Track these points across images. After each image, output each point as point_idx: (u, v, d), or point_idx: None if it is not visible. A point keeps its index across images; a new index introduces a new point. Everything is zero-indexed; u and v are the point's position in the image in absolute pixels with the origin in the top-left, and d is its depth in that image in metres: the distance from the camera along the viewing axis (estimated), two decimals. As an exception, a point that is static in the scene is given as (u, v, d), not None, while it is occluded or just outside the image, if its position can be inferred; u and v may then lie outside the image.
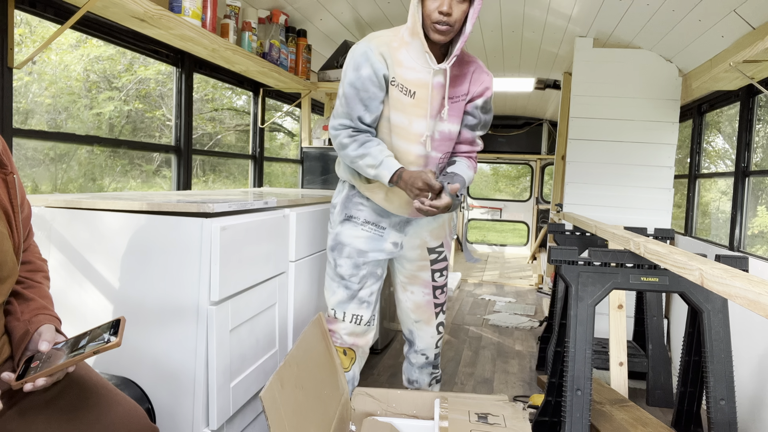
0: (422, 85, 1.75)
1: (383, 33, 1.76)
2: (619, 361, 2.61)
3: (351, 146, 1.76)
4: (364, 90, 1.73)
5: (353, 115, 1.75)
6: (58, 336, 1.10)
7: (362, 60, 1.72)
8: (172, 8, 2.04)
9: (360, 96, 1.73)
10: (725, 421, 1.78)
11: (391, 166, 1.72)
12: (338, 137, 1.78)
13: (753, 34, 2.53)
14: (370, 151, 1.74)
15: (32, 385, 1.00)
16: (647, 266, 1.91)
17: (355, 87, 1.73)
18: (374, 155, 1.74)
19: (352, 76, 1.73)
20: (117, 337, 0.97)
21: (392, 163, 1.73)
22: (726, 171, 3.64)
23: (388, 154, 1.75)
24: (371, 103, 1.75)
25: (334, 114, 1.80)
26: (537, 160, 7.87)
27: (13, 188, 1.10)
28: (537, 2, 3.28)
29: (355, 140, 1.76)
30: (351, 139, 1.76)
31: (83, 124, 4.14)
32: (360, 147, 1.75)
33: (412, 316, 2.11)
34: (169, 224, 1.52)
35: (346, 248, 1.93)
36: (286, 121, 6.02)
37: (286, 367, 1.39)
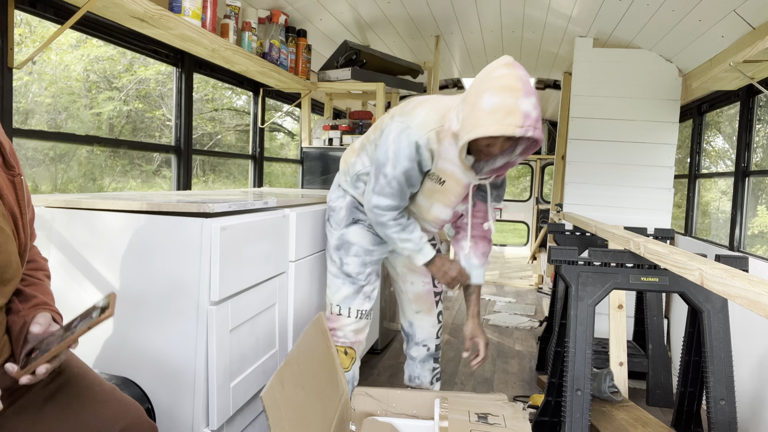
0: (453, 179, 1.84)
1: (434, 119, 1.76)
2: (619, 361, 2.61)
3: (394, 229, 1.87)
4: (414, 178, 1.81)
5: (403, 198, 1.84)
6: (53, 325, 1.09)
7: (415, 154, 1.76)
8: (172, 8, 2.04)
9: (409, 182, 1.81)
10: (725, 421, 1.78)
11: (428, 254, 1.91)
12: (382, 217, 1.86)
13: (753, 34, 2.53)
14: (412, 237, 1.89)
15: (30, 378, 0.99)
16: (647, 266, 1.90)
17: (407, 175, 1.79)
18: (415, 242, 1.89)
19: (406, 165, 1.77)
20: (109, 309, 0.98)
21: (429, 251, 1.92)
22: (726, 171, 3.63)
23: (425, 240, 1.92)
24: (415, 186, 1.85)
25: (376, 190, 1.83)
26: (537, 160, 7.87)
27: (20, 190, 1.10)
28: (537, 2, 3.28)
29: (398, 224, 1.87)
30: (395, 222, 1.86)
31: (83, 124, 4.13)
32: (403, 231, 1.88)
33: (413, 306, 2.16)
34: (169, 224, 1.52)
35: (353, 247, 1.96)
36: (286, 121, 6.02)
37: (286, 366, 1.39)
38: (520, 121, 1.51)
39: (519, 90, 1.53)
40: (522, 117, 1.51)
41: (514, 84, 1.54)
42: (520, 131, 1.51)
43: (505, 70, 1.58)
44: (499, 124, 1.52)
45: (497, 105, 1.53)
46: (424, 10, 3.50)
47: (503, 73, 1.57)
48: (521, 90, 1.53)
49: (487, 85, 1.58)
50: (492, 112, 1.53)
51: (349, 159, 2.01)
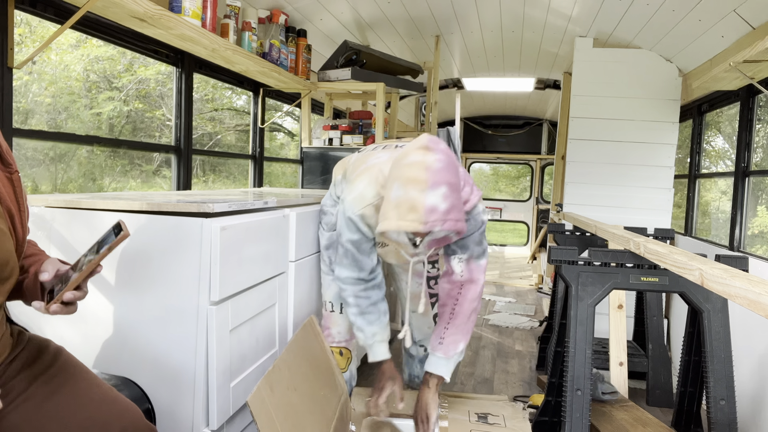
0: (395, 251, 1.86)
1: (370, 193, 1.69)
2: (619, 361, 2.61)
3: (352, 309, 1.83)
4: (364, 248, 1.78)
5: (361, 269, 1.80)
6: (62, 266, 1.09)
7: (354, 227, 1.75)
8: (172, 8, 2.04)
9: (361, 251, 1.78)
10: (725, 421, 1.78)
11: (377, 354, 1.83)
12: (344, 292, 1.84)
13: (753, 34, 2.53)
14: (364, 330, 1.82)
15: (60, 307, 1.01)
16: (647, 266, 1.90)
17: (355, 245, 1.77)
18: (366, 335, 1.82)
19: (350, 235, 1.77)
20: (124, 231, 0.97)
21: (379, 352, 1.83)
22: (726, 171, 3.63)
23: (379, 339, 1.83)
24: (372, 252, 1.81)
25: (337, 261, 1.83)
26: (537, 160, 7.87)
27: (18, 187, 1.10)
28: (537, 2, 3.27)
29: (357, 306, 1.82)
30: (354, 302, 1.82)
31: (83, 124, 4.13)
32: (360, 317, 1.82)
33: (409, 305, 2.15)
34: (169, 224, 1.52)
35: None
36: (286, 121, 6.02)
37: (275, 370, 1.38)
38: (423, 218, 1.41)
39: (424, 182, 1.42)
40: (425, 213, 1.41)
41: (419, 176, 1.43)
42: (424, 228, 1.42)
43: (416, 156, 1.47)
44: (401, 219, 1.43)
45: (401, 199, 1.44)
46: (424, 10, 3.50)
47: (413, 160, 1.47)
48: (427, 182, 1.42)
49: (397, 173, 1.50)
50: (396, 206, 1.45)
51: (336, 176, 2.03)
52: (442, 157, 1.48)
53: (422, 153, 1.47)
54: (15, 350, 1.13)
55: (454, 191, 1.46)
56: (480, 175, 13.12)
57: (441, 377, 1.81)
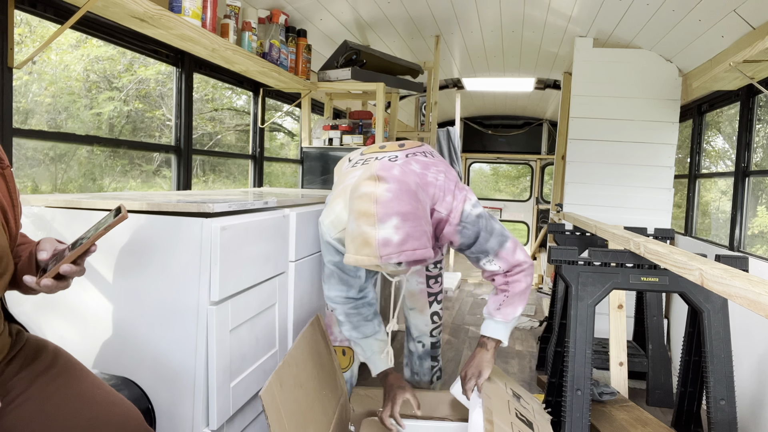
0: None
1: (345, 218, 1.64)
2: (619, 361, 2.61)
3: (346, 326, 1.85)
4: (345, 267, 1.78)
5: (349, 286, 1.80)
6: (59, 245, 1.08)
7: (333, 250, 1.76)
8: (172, 8, 2.04)
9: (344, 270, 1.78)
10: (725, 421, 1.78)
11: (378, 366, 1.86)
12: (336, 311, 1.85)
13: (753, 34, 2.53)
14: (361, 344, 1.85)
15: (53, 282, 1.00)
16: (647, 266, 1.90)
17: (338, 265, 1.78)
18: (364, 349, 1.86)
19: (330, 258, 1.78)
20: (122, 213, 0.97)
21: (380, 364, 1.86)
22: (726, 171, 3.63)
23: (377, 350, 1.85)
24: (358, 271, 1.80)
25: (327, 283, 1.83)
26: (537, 160, 7.87)
27: (11, 182, 1.10)
28: (537, 2, 3.27)
29: (350, 322, 1.84)
30: (345, 319, 1.84)
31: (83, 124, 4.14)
32: (354, 331, 1.84)
33: (407, 303, 2.17)
34: (169, 224, 1.52)
35: None
36: (286, 121, 6.02)
37: (285, 366, 1.39)
38: (376, 252, 1.37)
39: (373, 216, 1.38)
40: (378, 247, 1.37)
41: (368, 209, 1.39)
42: (380, 261, 1.38)
43: (365, 188, 1.42)
44: (357, 254, 1.41)
45: (354, 234, 1.41)
46: (424, 10, 3.50)
47: (362, 192, 1.42)
48: (375, 215, 1.38)
49: (351, 205, 1.45)
50: (352, 240, 1.43)
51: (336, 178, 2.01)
52: (393, 186, 1.42)
53: (372, 184, 1.42)
54: (14, 349, 1.13)
55: (408, 220, 1.40)
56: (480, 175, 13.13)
57: (499, 341, 1.81)
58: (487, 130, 7.92)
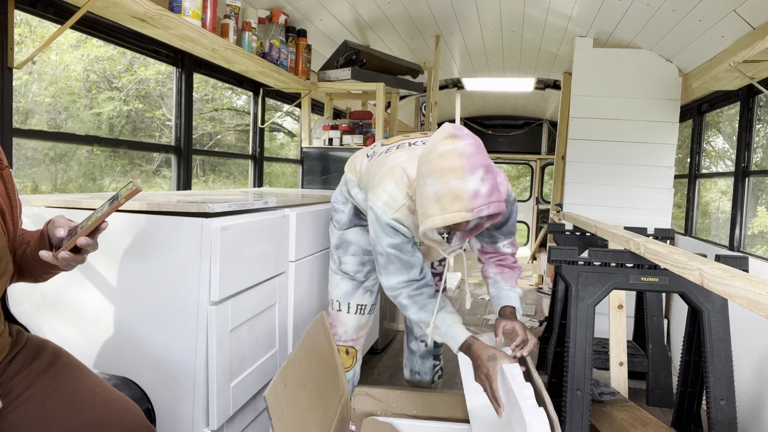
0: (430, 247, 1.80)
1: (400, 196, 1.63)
2: (619, 361, 2.61)
3: (412, 309, 1.72)
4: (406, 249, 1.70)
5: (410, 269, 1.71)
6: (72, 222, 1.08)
7: (392, 231, 1.67)
8: (172, 8, 2.04)
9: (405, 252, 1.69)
10: (725, 421, 1.78)
11: (458, 337, 1.66)
12: (398, 297, 1.73)
13: (753, 34, 2.53)
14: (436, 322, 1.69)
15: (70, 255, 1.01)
16: (647, 266, 1.90)
17: (397, 248, 1.68)
18: (438, 325, 1.69)
19: (389, 241, 1.67)
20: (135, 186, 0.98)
21: (459, 334, 1.67)
22: (726, 171, 3.64)
23: (452, 322, 1.69)
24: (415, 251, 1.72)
25: (382, 271, 1.73)
26: (537, 160, 7.87)
27: (10, 183, 1.10)
28: (537, 2, 3.27)
29: (415, 303, 1.71)
30: (411, 302, 1.71)
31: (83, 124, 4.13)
32: (421, 311, 1.71)
33: None
34: (169, 224, 1.52)
35: (351, 246, 1.96)
36: (286, 121, 6.02)
37: (289, 366, 1.39)
38: (469, 205, 1.37)
39: (461, 169, 1.39)
40: (469, 199, 1.37)
41: (455, 164, 1.39)
42: (472, 215, 1.38)
43: (445, 146, 1.42)
44: (446, 213, 1.39)
45: (441, 191, 1.40)
46: (424, 10, 3.50)
47: (443, 150, 1.42)
48: (464, 168, 1.39)
49: (429, 167, 1.44)
50: (437, 200, 1.41)
51: (348, 175, 1.98)
52: (471, 141, 1.45)
53: (450, 141, 1.43)
54: (14, 349, 1.13)
55: (490, 172, 1.43)
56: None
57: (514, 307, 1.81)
58: (487, 130, 7.92)
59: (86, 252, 1.05)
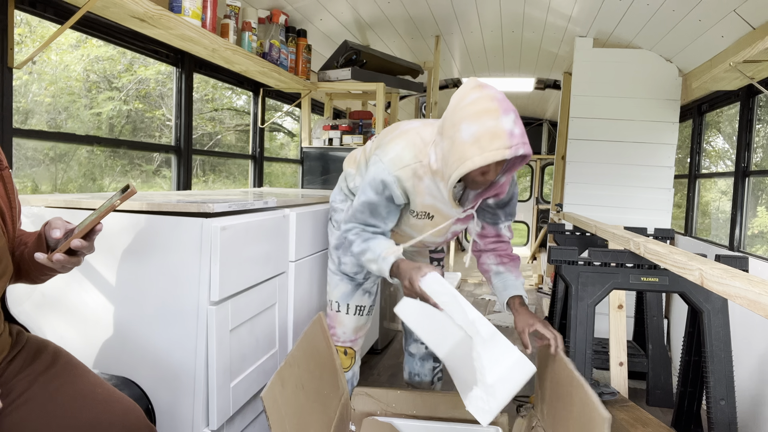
0: (440, 214, 1.75)
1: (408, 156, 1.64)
2: (619, 361, 2.61)
3: (357, 242, 1.72)
4: (383, 207, 1.70)
5: (367, 223, 1.71)
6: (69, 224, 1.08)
7: (383, 188, 1.67)
8: (172, 8, 2.04)
9: (378, 212, 1.70)
10: (725, 421, 1.78)
11: (388, 260, 1.65)
12: (347, 236, 1.74)
13: (753, 34, 2.53)
14: (370, 245, 1.69)
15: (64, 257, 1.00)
16: (647, 266, 1.90)
17: (372, 204, 1.69)
18: (373, 249, 1.68)
19: (372, 196, 1.67)
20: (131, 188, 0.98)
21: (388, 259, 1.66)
22: (726, 171, 3.64)
23: (386, 246, 1.68)
24: (389, 217, 1.73)
25: (345, 219, 1.75)
26: (537, 160, 7.87)
27: (9, 183, 1.10)
28: (537, 2, 3.27)
29: (362, 237, 1.71)
30: (359, 238, 1.71)
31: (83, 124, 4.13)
32: (365, 242, 1.71)
33: None
34: (169, 224, 1.52)
35: None
36: (286, 121, 6.02)
37: (287, 367, 1.39)
38: (507, 142, 1.41)
39: (496, 110, 1.43)
40: (508, 137, 1.41)
41: (489, 106, 1.43)
42: (510, 152, 1.41)
43: (475, 93, 1.47)
44: (486, 152, 1.41)
45: (478, 132, 1.42)
46: (424, 10, 3.50)
47: (474, 97, 1.46)
48: (498, 110, 1.43)
49: (461, 114, 1.47)
50: (475, 141, 1.43)
51: (348, 169, 1.99)
52: (496, 90, 1.50)
53: (480, 89, 1.48)
54: (14, 349, 1.13)
55: (518, 117, 1.49)
56: (480, 175, 13.16)
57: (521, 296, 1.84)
58: (487, 130, 7.91)
59: (82, 254, 1.05)
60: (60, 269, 1.05)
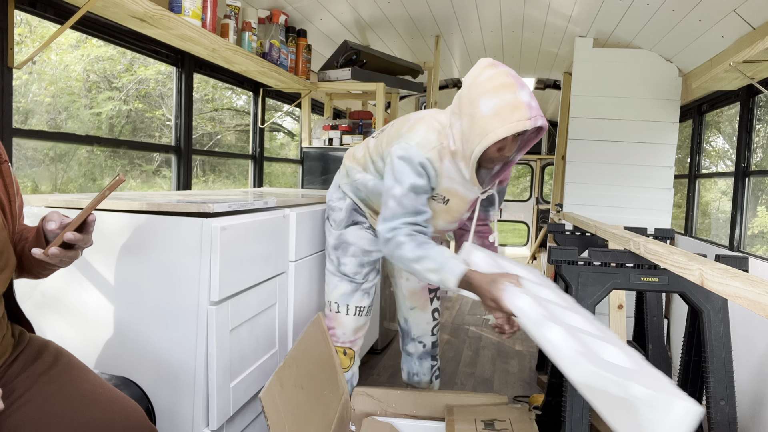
0: (457, 197, 1.76)
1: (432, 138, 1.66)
2: (619, 361, 2.60)
3: (408, 246, 1.62)
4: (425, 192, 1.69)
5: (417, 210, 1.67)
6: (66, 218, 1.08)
7: (422, 170, 1.66)
8: (172, 8, 2.04)
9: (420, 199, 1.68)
10: (725, 421, 1.78)
11: (454, 269, 1.56)
12: (396, 236, 1.65)
13: (753, 34, 2.53)
14: (429, 253, 1.60)
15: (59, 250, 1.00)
16: (647, 266, 1.90)
17: (416, 191, 1.66)
18: (435, 258, 1.59)
19: (415, 180, 1.65)
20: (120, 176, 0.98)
21: (455, 265, 1.57)
22: (726, 171, 3.64)
23: (449, 256, 1.61)
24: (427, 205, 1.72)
25: (386, 217, 1.68)
26: (537, 160, 7.87)
27: (8, 177, 1.10)
28: (537, 2, 3.27)
29: (413, 239, 1.63)
30: (408, 238, 1.63)
31: (83, 124, 4.14)
32: (417, 248, 1.61)
33: (408, 303, 2.16)
34: (169, 224, 1.52)
35: (351, 247, 1.96)
36: (286, 121, 6.02)
37: (285, 367, 1.39)
38: (527, 114, 1.49)
39: (513, 85, 1.51)
40: (527, 109, 1.49)
41: (506, 81, 1.52)
42: (530, 123, 1.49)
43: (489, 71, 1.55)
44: (507, 123, 1.49)
45: (498, 106, 1.50)
46: (424, 10, 3.50)
47: (490, 74, 1.54)
48: (515, 84, 1.51)
49: (478, 91, 1.54)
50: (495, 114, 1.50)
51: (349, 164, 2.00)
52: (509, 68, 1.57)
53: (493, 67, 1.55)
54: (16, 350, 1.13)
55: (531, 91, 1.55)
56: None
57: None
58: (487, 130, 7.91)
59: (79, 247, 1.04)
60: (58, 263, 1.04)
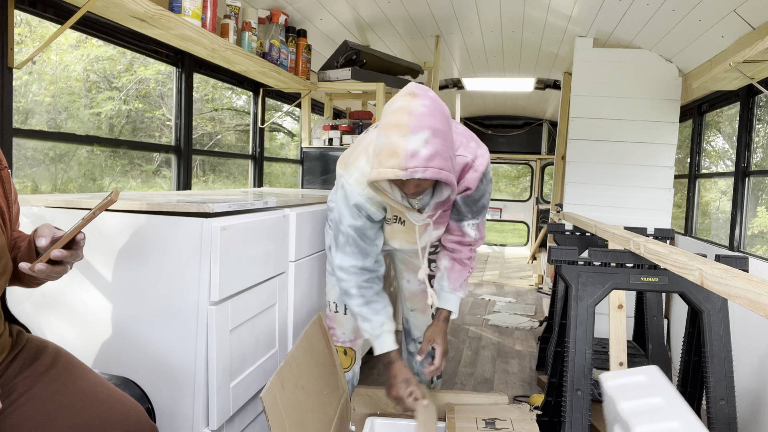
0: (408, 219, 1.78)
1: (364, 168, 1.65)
2: (619, 361, 2.61)
3: (356, 300, 1.75)
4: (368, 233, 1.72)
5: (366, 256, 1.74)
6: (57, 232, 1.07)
7: (357, 212, 1.69)
8: (172, 8, 2.04)
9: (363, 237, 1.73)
10: (725, 421, 1.78)
11: (384, 344, 1.76)
12: (346, 283, 1.75)
13: (753, 34, 2.53)
14: (372, 319, 1.75)
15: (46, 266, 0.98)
16: (647, 266, 1.90)
17: (357, 232, 1.71)
18: (374, 326, 1.75)
19: (352, 221, 1.70)
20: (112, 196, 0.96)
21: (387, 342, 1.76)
22: (726, 171, 3.64)
23: (387, 329, 1.77)
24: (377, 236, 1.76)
25: (341, 251, 1.74)
26: (537, 160, 7.87)
27: (8, 183, 1.10)
28: (537, 2, 3.27)
29: (361, 296, 1.75)
30: (358, 293, 1.74)
31: (83, 124, 4.14)
32: (365, 306, 1.75)
33: (408, 304, 2.16)
34: (169, 224, 1.52)
35: None
36: (286, 121, 6.02)
37: (286, 367, 1.39)
38: (403, 163, 1.34)
39: (405, 127, 1.36)
40: (405, 158, 1.34)
41: (401, 120, 1.37)
42: (404, 174, 1.35)
43: (400, 102, 1.41)
44: (381, 167, 1.38)
45: (382, 146, 1.40)
46: (424, 10, 3.50)
47: (397, 106, 1.41)
48: (408, 126, 1.36)
49: (381, 122, 1.46)
50: (377, 154, 1.41)
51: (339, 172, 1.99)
52: (428, 102, 1.41)
53: (408, 99, 1.41)
54: (14, 350, 1.13)
55: (438, 137, 1.37)
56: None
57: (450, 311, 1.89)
58: (487, 130, 7.92)
59: (67, 263, 1.04)
60: (46, 278, 1.03)
